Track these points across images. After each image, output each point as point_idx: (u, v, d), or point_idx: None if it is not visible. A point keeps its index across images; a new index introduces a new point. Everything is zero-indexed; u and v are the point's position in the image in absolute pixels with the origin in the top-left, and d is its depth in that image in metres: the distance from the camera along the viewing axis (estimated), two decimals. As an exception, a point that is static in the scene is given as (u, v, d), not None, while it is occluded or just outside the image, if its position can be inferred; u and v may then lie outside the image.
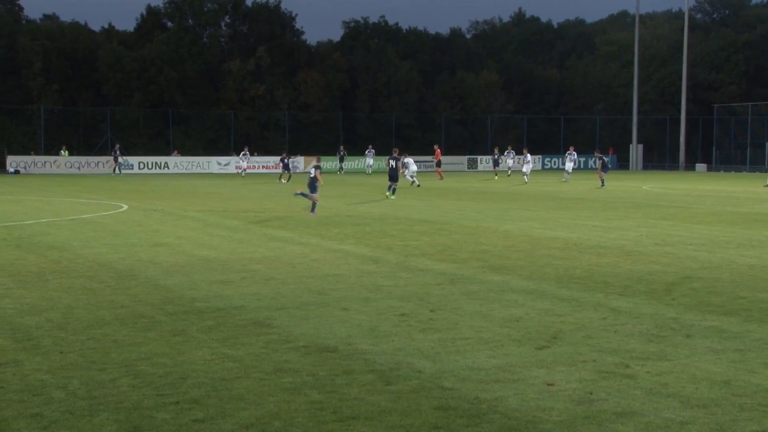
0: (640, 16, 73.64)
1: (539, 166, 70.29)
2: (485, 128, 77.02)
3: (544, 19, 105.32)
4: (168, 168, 59.93)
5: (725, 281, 12.21)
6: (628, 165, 71.88)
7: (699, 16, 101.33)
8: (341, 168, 60.15)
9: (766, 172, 41.58)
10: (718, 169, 68.55)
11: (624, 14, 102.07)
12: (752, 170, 64.33)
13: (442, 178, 47.72)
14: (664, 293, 11.24)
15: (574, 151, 48.96)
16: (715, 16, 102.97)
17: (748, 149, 69.93)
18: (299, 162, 60.81)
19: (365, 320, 9.56)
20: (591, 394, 6.74)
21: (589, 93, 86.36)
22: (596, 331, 8.99)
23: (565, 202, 29.47)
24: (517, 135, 76.49)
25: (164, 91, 69.77)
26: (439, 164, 52.15)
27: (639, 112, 72.52)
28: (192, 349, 8.18)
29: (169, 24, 76.69)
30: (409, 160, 39.15)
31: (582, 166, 70.74)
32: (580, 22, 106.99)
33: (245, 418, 6.20)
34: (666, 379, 7.14)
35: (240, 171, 53.72)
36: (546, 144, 77.04)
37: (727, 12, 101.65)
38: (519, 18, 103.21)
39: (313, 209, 23.47)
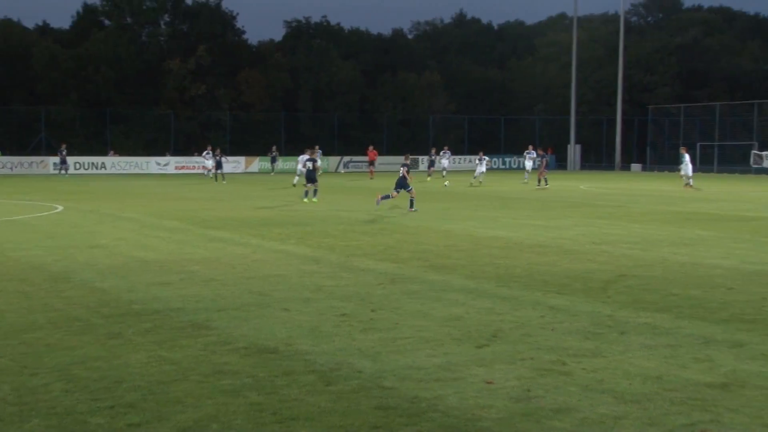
0: (578, 18, 74.74)
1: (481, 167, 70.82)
2: (427, 128, 77.41)
3: (485, 21, 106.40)
4: (105, 168, 58.94)
5: (658, 279, 12.46)
6: (566, 165, 72.89)
7: (634, 19, 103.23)
8: (273, 169, 58.96)
9: (696, 172, 42.60)
10: (652, 169, 69.89)
11: (563, 16, 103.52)
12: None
13: (371, 177, 47.96)
14: (600, 291, 11.44)
15: (533, 149, 48.33)
16: (649, 19, 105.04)
17: (681, 150, 71.34)
18: (240, 162, 60.42)
19: (306, 321, 9.54)
20: (529, 391, 6.83)
21: (529, 94, 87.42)
22: (535, 329, 9.10)
23: (506, 202, 29.77)
24: (459, 135, 77.06)
25: (102, 90, 68.63)
26: (372, 164, 52.14)
27: (577, 112, 73.61)
28: (128, 352, 8.07)
29: (107, 22, 75.51)
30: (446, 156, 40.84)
31: (520, 166, 71.57)
32: (520, 24, 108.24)
33: (182, 421, 6.14)
34: (601, 376, 7.27)
35: (206, 172, 50.81)
36: (487, 144, 77.62)
37: (661, 15, 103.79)
38: (460, 19, 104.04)
39: (411, 205, 25.19)
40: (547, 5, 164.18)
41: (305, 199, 28.60)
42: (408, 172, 25.79)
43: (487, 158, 44.58)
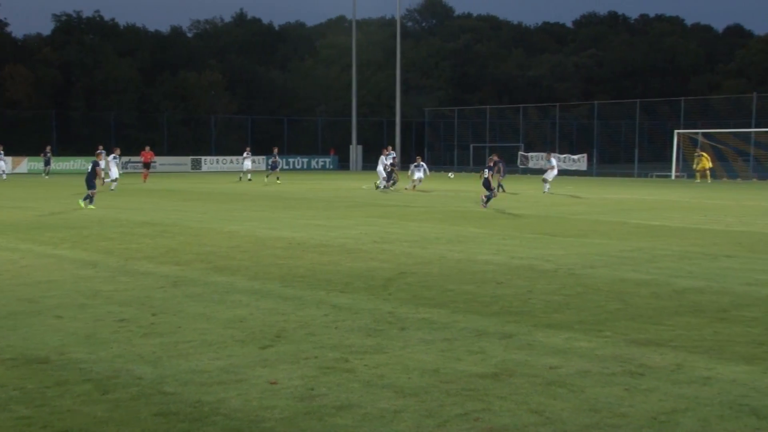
0: (357, 21, 76.27)
1: (263, 166, 70.61)
2: (209, 128, 76.20)
3: (265, 21, 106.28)
4: None
5: (436, 275, 12.97)
6: (349, 165, 74.23)
7: (410, 24, 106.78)
8: (46, 171, 55.22)
9: (471, 171, 44.71)
10: (430, 170, 72.57)
11: (342, 19, 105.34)
12: (459, 170, 68.75)
13: (145, 180, 45.64)
14: (382, 289, 11.75)
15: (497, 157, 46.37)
16: (424, 24, 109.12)
17: (456, 151, 74.80)
18: (7, 162, 56.60)
19: (81, 327, 9.12)
20: (312, 390, 6.90)
21: (311, 95, 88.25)
22: (318, 328, 9.21)
23: (290, 202, 29.89)
24: (242, 135, 76.43)
25: None
26: (147, 166, 48.75)
27: (358, 114, 75.11)
28: None
29: None
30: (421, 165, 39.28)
31: (306, 167, 72.10)
32: (301, 25, 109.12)
33: (-56, 441, 5.70)
34: (382, 371, 7.47)
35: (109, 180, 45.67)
36: (271, 145, 77.65)
37: (434, 21, 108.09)
38: (240, 19, 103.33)
39: (486, 202, 26.83)
40: (327, 7, 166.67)
41: (82, 203, 26.87)
42: (493, 173, 27.90)
43: (424, 164, 41.21)
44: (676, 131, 54.10)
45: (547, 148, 69.64)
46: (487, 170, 27.67)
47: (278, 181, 45.22)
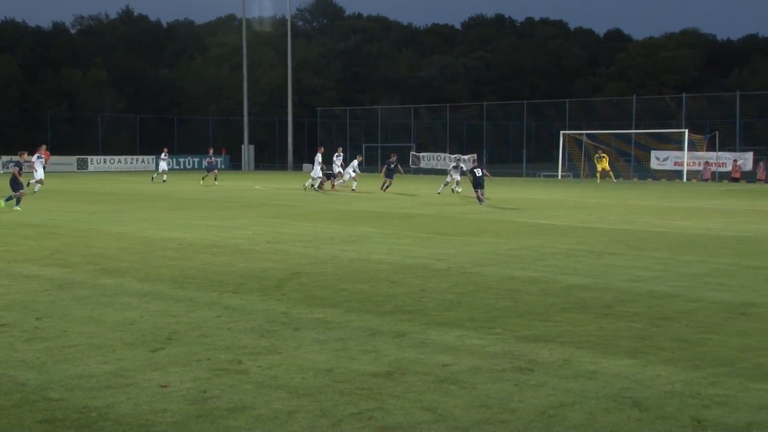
0: (248, 20, 75.58)
1: (153, 166, 69.21)
2: (95, 127, 74.10)
3: (152, 18, 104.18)
4: None
5: (329, 275, 12.98)
6: (241, 165, 73.46)
7: (301, 23, 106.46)
8: None
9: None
10: (321, 169, 72.47)
11: (232, 17, 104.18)
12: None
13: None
14: (275, 289, 11.67)
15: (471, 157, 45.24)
16: (315, 24, 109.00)
17: (348, 150, 74.86)
18: None
19: (-41, 335, 8.73)
20: (205, 392, 6.80)
21: (201, 94, 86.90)
22: (211, 330, 9.08)
23: (181, 203, 29.37)
24: (130, 135, 74.72)
25: None
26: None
27: (250, 114, 74.41)
28: None
29: None
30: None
31: (197, 167, 70.95)
32: (189, 23, 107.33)
33: None
34: (276, 372, 7.43)
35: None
36: (160, 144, 76.15)
37: (325, 21, 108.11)
38: (127, 15, 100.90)
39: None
40: (217, 6, 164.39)
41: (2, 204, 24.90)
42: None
43: (463, 166, 38.90)
44: (561, 132, 55.70)
45: (438, 148, 70.62)
46: (479, 169, 29.62)
47: (216, 183, 42.43)
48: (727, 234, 19.44)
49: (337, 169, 39.79)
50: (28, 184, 27.97)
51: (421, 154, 67.35)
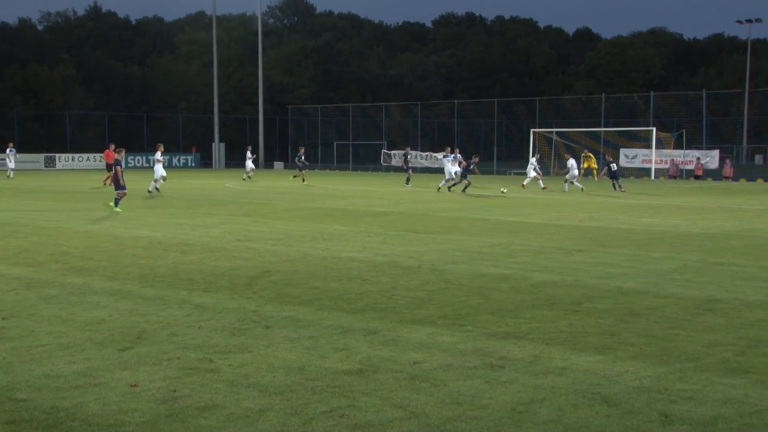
0: (218, 17, 75.16)
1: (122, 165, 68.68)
2: (64, 125, 73.36)
3: (121, 15, 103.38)
4: None
5: (301, 273, 12.95)
6: (212, 163, 73.08)
7: (272, 21, 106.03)
8: None
9: (335, 169, 44.78)
10: (294, 167, 72.33)
11: (202, 15, 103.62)
12: (323, 168, 68.89)
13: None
14: (246, 287, 11.63)
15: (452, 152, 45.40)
16: (285, 22, 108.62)
17: (320, 148, 74.87)
18: None
19: (-76, 335, 8.61)
20: (175, 391, 6.77)
21: (171, 91, 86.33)
22: (181, 329, 9.04)
23: (150, 201, 29.17)
24: (99, 132, 74.02)
25: None
26: None
27: (220, 111, 74.05)
28: None
29: None
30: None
31: (167, 164, 70.40)
32: (159, 20, 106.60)
33: None
34: (247, 371, 7.40)
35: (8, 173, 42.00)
36: (130, 142, 75.57)
37: (296, 19, 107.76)
38: (95, 12, 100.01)
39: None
40: (186, 2, 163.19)
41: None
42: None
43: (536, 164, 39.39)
44: (532, 130, 55.98)
45: (409, 145, 70.72)
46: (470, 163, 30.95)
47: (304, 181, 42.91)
48: (694, 231, 19.66)
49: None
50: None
51: (393, 152, 67.39)
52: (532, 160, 40.43)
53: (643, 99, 70.61)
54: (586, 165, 51.33)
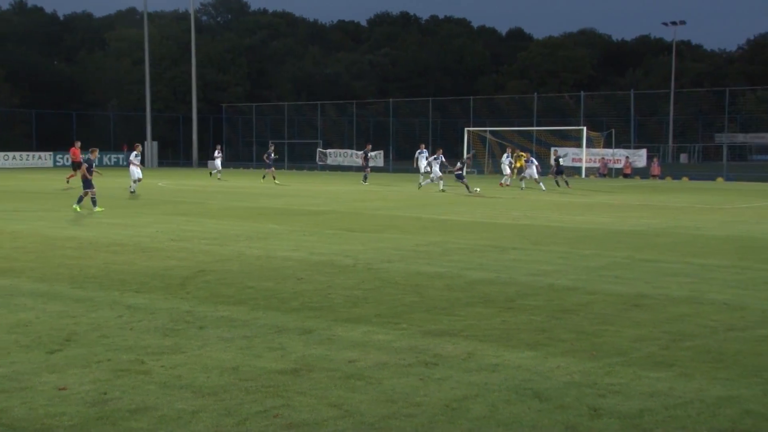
0: (149, 14, 74.02)
1: (50, 163, 67.23)
2: (-12, 123, 71.46)
3: (48, 10, 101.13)
4: None
5: (235, 273, 12.86)
6: (144, 161, 71.92)
7: (204, 18, 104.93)
8: None
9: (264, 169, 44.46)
10: (228, 166, 71.73)
11: (132, 11, 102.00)
12: (258, 167, 68.36)
13: None
14: (179, 287, 11.50)
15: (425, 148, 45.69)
16: (219, 19, 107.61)
17: (254, 147, 74.31)
18: None
19: None
20: (105, 394, 6.66)
21: (101, 89, 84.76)
22: (112, 330, 8.90)
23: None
24: (26, 130, 72.29)
25: None
26: None
27: (153, 109, 72.96)
28: None
29: None
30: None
31: (98, 163, 69.16)
32: (88, 16, 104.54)
33: None
34: (180, 372, 7.32)
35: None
36: (59, 141, 73.95)
37: (229, 16, 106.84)
38: (20, 7, 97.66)
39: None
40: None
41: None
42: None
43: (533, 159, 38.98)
44: (466, 129, 56.43)
45: (344, 144, 70.63)
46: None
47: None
48: (622, 228, 20.07)
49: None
50: None
51: (328, 151, 67.27)
52: (504, 158, 41.68)
53: (574, 99, 71.77)
54: (518, 164, 51.99)
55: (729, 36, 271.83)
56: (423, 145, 47.79)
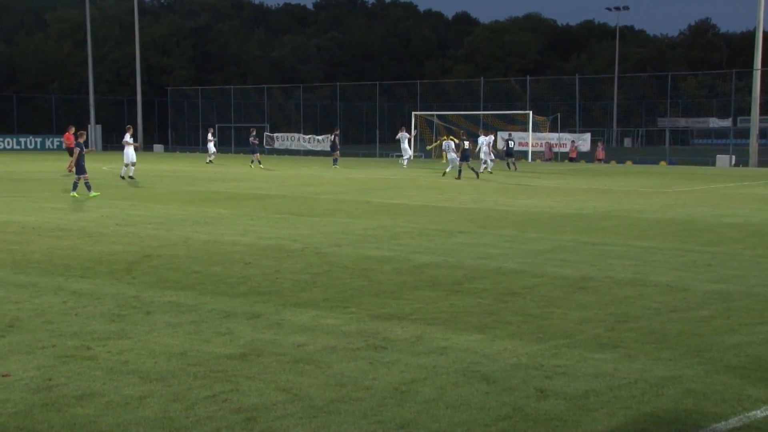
0: (92, -5, 72.62)
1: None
2: None
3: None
4: None
5: (182, 257, 12.75)
6: (88, 145, 70.68)
7: (148, 0, 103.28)
8: None
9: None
10: (174, 150, 70.96)
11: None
12: (204, 151, 67.67)
13: None
14: (125, 272, 11.37)
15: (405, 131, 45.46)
16: (162, 1, 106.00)
17: (200, 131, 73.55)
18: None
19: None
20: (50, 380, 6.57)
21: (42, 71, 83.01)
22: (56, 316, 8.77)
23: (22, 185, 28.06)
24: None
25: None
26: None
27: (96, 92, 71.72)
28: None
29: None
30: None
31: (40, 147, 67.90)
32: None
33: None
34: (126, 357, 7.25)
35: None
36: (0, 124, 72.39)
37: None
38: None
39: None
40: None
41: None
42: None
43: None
44: (413, 113, 56.53)
45: (292, 128, 70.25)
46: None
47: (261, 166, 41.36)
48: (568, 212, 20.33)
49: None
50: None
51: (276, 135, 66.87)
52: (482, 140, 38.53)
53: (520, 83, 72.29)
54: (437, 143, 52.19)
55: (671, 21, 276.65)
56: (404, 128, 48.24)
